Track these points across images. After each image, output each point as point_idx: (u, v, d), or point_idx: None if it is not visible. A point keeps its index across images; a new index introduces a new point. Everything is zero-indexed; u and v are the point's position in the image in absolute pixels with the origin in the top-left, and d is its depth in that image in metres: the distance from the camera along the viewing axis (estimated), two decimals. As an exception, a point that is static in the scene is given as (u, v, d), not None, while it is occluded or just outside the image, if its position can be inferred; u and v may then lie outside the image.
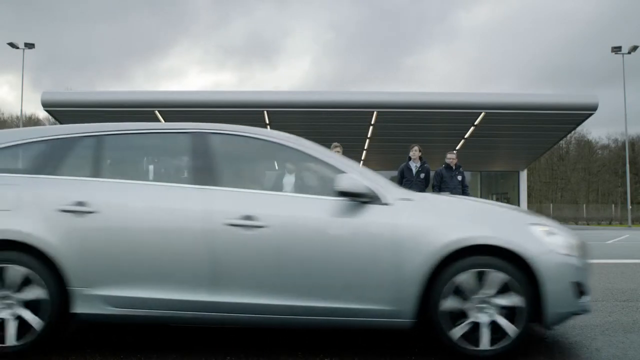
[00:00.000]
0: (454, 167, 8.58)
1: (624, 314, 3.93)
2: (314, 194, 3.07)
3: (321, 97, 21.25)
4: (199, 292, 2.82)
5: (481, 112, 20.90)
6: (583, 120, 22.38)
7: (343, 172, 3.00)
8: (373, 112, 21.02)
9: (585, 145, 55.34)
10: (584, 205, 44.60)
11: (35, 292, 2.82)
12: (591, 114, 20.90)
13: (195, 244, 2.85)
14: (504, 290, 2.82)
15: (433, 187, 8.59)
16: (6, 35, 74.04)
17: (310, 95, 21.53)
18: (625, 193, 35.13)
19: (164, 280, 2.85)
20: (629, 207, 32.90)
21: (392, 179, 9.54)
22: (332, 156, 3.20)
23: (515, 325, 2.80)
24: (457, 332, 2.80)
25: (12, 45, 31.03)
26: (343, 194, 2.89)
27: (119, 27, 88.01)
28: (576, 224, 36.74)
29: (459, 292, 2.82)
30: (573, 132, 36.02)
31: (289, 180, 8.87)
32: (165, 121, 21.89)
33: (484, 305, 2.82)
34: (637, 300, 4.46)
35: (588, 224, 36.13)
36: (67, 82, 73.86)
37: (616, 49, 31.65)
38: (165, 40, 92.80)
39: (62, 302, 2.85)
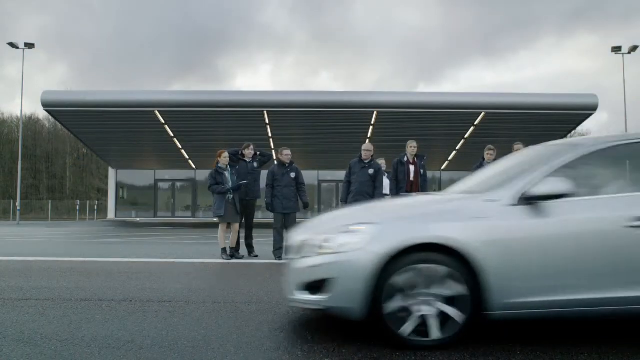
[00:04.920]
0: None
1: (624, 314, 3.92)
2: None
3: (321, 97, 21.26)
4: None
5: (481, 112, 20.92)
6: (583, 120, 22.40)
7: None
8: (373, 112, 21.04)
9: (585, 145, 55.30)
10: (584, 205, 44.61)
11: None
12: (591, 114, 20.91)
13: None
14: None
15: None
16: (21, 34, 73.81)
17: (311, 96, 21.54)
18: (625, 193, 35.11)
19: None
20: (629, 207, 32.88)
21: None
22: None
23: None
24: None
25: (12, 45, 30.99)
26: None
27: (128, 26, 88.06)
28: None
29: None
30: (573, 132, 36.05)
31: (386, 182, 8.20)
32: (164, 121, 21.93)
33: None
34: (637, 300, 4.46)
35: (588, 224, 36.13)
36: (81, 81, 73.69)
37: (616, 49, 31.62)
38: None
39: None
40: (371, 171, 7.67)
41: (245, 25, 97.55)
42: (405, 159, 7.99)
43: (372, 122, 22.00)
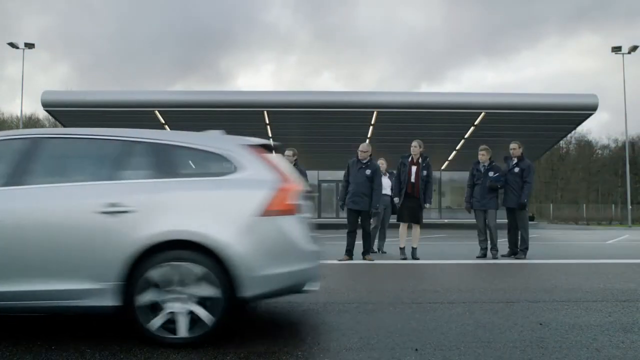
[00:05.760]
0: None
1: (624, 314, 3.92)
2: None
3: (321, 97, 21.26)
4: None
5: (481, 112, 20.91)
6: (583, 120, 22.39)
7: None
8: (373, 112, 21.04)
9: (585, 145, 55.29)
10: (584, 205, 44.58)
11: None
12: (591, 114, 20.90)
13: None
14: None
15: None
16: (23, 34, 73.72)
17: (311, 96, 21.53)
18: (625, 193, 35.12)
19: None
20: (629, 207, 32.89)
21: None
22: None
23: None
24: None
25: (12, 45, 30.96)
26: None
27: (127, 26, 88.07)
28: (576, 223, 36.74)
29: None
30: (573, 132, 36.06)
31: None
32: (164, 121, 21.93)
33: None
34: (637, 300, 4.46)
35: (588, 224, 36.10)
36: (83, 81, 73.61)
37: (616, 49, 31.62)
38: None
39: None
40: (368, 172, 7.63)
41: (248, 25, 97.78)
42: (410, 159, 7.95)
43: (372, 122, 21.99)
